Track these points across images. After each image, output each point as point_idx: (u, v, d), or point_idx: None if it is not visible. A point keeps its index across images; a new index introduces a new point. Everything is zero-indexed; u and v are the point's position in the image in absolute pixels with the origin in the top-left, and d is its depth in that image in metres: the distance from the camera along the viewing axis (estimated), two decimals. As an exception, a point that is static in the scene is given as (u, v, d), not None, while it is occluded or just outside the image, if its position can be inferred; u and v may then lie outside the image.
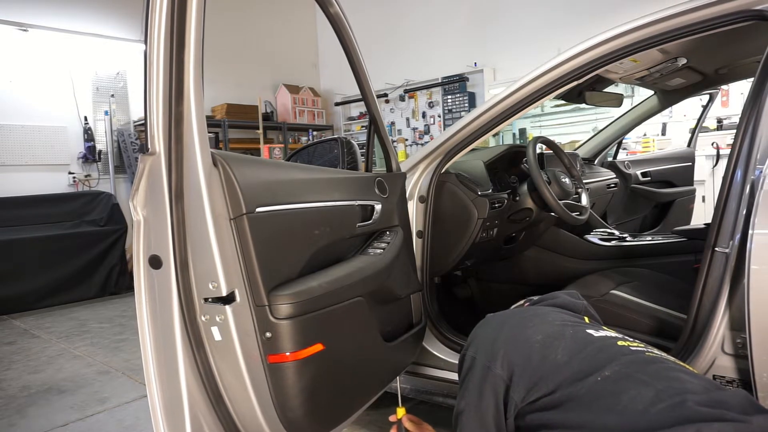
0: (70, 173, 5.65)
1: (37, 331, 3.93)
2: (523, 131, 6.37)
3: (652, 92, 3.11)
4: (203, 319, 1.12)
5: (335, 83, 7.95)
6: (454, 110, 6.68)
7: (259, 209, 1.12)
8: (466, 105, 6.56)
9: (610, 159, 3.53)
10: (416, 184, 2.01)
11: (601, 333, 1.15)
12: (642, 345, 1.12)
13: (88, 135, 5.73)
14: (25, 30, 5.27)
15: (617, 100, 2.75)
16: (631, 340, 1.14)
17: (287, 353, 1.13)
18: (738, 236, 1.30)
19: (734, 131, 1.42)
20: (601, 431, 0.94)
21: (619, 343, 1.10)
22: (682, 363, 1.07)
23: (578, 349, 1.08)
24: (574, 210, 2.12)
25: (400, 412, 1.54)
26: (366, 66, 1.60)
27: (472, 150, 2.11)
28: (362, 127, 7.62)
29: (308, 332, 1.17)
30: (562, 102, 5.21)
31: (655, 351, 1.09)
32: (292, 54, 7.89)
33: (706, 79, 2.65)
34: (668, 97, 3.06)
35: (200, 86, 1.06)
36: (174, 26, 1.03)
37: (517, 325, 1.19)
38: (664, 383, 0.95)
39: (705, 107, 3.77)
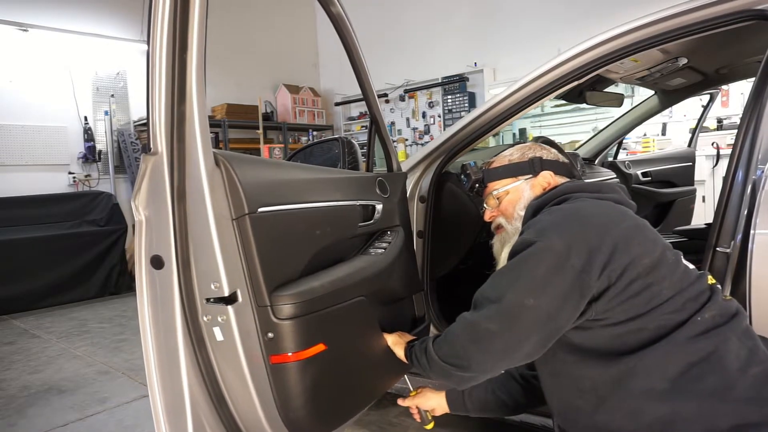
0: (70, 173, 5.65)
1: (37, 331, 3.93)
2: (523, 131, 6.37)
3: (652, 92, 3.11)
4: (205, 319, 1.12)
5: (335, 83, 7.94)
6: (454, 110, 6.68)
7: (261, 209, 1.12)
8: (466, 105, 6.56)
9: (610, 159, 3.54)
10: (417, 184, 2.01)
11: (692, 266, 1.16)
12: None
13: (88, 135, 5.72)
14: (25, 30, 5.27)
15: (617, 100, 2.75)
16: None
17: (290, 353, 1.13)
18: (739, 236, 1.30)
19: (734, 131, 1.43)
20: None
21: (709, 281, 1.15)
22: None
23: (681, 287, 1.08)
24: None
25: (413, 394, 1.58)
26: (367, 66, 1.60)
27: (473, 150, 2.11)
28: (362, 127, 7.61)
29: (310, 332, 1.17)
30: (563, 102, 5.21)
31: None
32: (292, 54, 7.89)
33: (706, 79, 2.65)
34: (669, 97, 3.06)
35: (203, 86, 1.06)
36: (177, 26, 1.03)
37: (619, 235, 1.08)
38: (751, 342, 1.05)
39: (705, 107, 3.77)
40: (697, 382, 1.00)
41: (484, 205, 1.47)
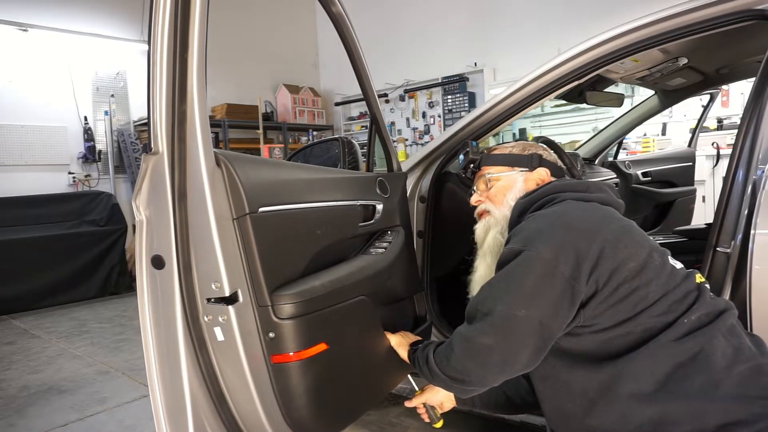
0: (70, 173, 5.64)
1: (37, 331, 3.93)
2: (523, 131, 6.37)
3: (652, 92, 3.11)
4: (206, 319, 1.12)
5: (335, 83, 7.94)
6: (454, 110, 6.68)
7: (261, 209, 1.12)
8: (466, 105, 6.56)
9: (610, 159, 3.54)
10: (417, 184, 2.01)
11: (679, 265, 1.17)
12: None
13: (88, 135, 5.72)
14: (25, 30, 5.26)
15: (618, 100, 2.75)
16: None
17: (291, 353, 1.13)
18: (740, 236, 1.30)
19: (734, 131, 1.43)
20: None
21: (697, 279, 1.15)
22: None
23: (668, 289, 1.08)
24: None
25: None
26: (368, 65, 1.60)
27: (473, 150, 2.11)
28: (362, 127, 7.61)
29: (311, 332, 1.18)
30: (563, 102, 5.21)
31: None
32: (292, 54, 7.89)
33: (706, 79, 2.65)
34: (669, 97, 3.06)
35: (203, 86, 1.06)
36: (177, 26, 1.03)
37: (605, 239, 1.08)
38: (737, 340, 1.06)
39: (705, 107, 3.77)
40: (684, 382, 1.01)
41: (473, 189, 1.48)
